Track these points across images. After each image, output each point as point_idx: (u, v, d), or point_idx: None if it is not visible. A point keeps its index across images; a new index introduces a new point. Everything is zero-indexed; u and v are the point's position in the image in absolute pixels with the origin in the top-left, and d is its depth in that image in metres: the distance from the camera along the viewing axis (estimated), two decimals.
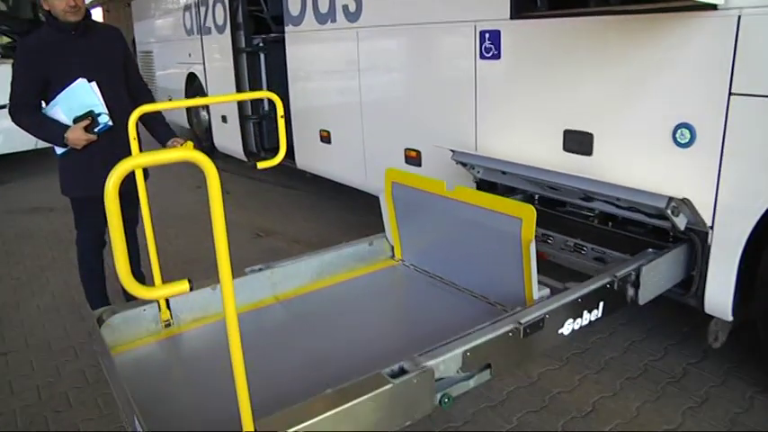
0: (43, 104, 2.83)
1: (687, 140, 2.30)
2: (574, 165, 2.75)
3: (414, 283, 2.77)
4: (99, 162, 2.86)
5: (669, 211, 2.26)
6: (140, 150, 2.41)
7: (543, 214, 2.73)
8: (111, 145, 2.84)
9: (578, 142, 2.78)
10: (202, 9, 6.09)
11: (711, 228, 2.29)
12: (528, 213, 2.15)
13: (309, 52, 4.78)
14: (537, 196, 3.15)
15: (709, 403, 2.39)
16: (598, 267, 2.58)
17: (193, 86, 6.92)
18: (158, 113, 3.20)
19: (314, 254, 2.72)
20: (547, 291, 2.22)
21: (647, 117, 2.45)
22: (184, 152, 1.23)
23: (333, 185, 4.99)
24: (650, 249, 2.42)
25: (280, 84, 5.06)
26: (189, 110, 7.03)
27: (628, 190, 2.40)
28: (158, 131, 3.10)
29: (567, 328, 2.06)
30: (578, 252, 2.75)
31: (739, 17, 2.09)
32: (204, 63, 6.34)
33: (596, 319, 2.15)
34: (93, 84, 2.76)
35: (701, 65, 2.22)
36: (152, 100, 3.28)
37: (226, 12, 5.57)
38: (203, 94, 6.62)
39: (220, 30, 5.74)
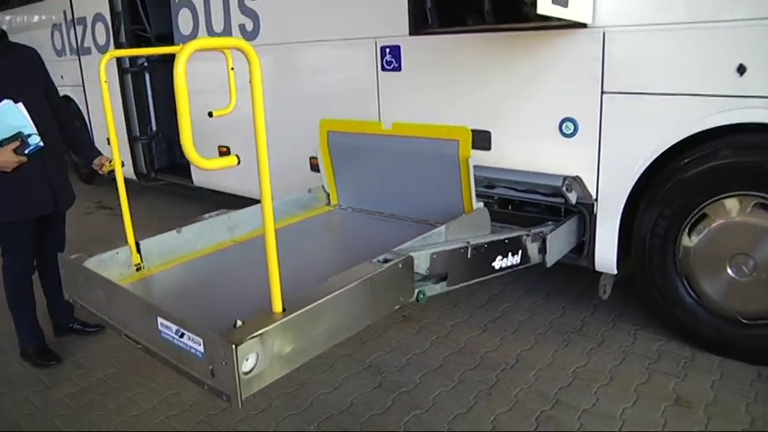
0: None
1: (571, 131, 2.83)
2: (474, 159, 3.19)
3: (353, 220, 3.03)
4: (30, 184, 2.84)
5: (564, 189, 2.78)
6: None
7: None
8: (43, 165, 2.84)
9: (478, 139, 3.21)
10: (79, 28, 5.90)
11: (596, 200, 2.84)
12: (464, 134, 2.52)
13: (204, 70, 4.85)
14: None
15: (606, 343, 2.94)
16: None
17: (68, 109, 6.62)
18: (82, 134, 3.20)
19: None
20: (481, 203, 2.62)
21: (536, 114, 2.96)
22: (235, 41, 1.47)
23: (227, 196, 5.07)
24: (549, 222, 2.92)
25: (169, 102, 5.07)
26: None
27: (530, 174, 2.90)
28: (84, 150, 3.11)
29: (497, 263, 2.45)
30: None
31: (604, 33, 2.66)
32: (84, 84, 6.13)
33: (516, 264, 2.56)
34: (20, 104, 2.73)
35: (578, 70, 2.76)
36: (74, 120, 3.27)
37: (108, 31, 5.47)
38: (81, 116, 6.37)
39: (102, 49, 5.61)
